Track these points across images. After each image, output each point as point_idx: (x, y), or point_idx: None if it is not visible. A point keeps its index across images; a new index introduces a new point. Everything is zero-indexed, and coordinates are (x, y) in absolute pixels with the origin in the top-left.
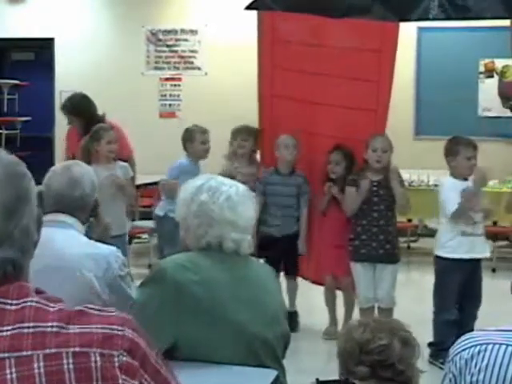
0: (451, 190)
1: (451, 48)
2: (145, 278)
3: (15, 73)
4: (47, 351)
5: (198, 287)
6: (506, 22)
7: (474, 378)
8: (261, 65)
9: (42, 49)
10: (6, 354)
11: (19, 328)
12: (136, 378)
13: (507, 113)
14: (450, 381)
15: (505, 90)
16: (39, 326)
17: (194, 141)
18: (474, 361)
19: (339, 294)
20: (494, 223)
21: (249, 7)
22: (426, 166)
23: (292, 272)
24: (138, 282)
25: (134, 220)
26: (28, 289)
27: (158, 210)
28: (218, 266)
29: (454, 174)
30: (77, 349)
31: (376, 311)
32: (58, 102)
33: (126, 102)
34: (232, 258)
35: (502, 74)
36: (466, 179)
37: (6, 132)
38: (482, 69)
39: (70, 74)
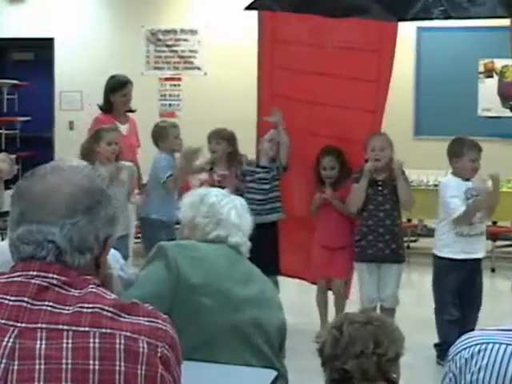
0: (454, 191)
1: (451, 48)
2: (147, 259)
3: (15, 73)
4: (103, 330)
5: (194, 262)
6: (505, 22)
7: (474, 377)
8: (260, 64)
9: (42, 49)
10: (66, 327)
11: (80, 307)
12: (169, 369)
13: (507, 113)
14: (450, 380)
15: (504, 89)
16: (97, 308)
17: (168, 136)
18: (474, 360)
19: (331, 297)
20: (494, 223)
21: (248, 7)
22: (425, 166)
23: (271, 271)
24: None
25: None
26: (90, 280)
27: (141, 212)
28: (216, 251)
29: (457, 174)
30: (128, 333)
31: (378, 311)
32: (58, 101)
33: None
34: (231, 249)
35: (501, 74)
36: (468, 179)
37: (5, 132)
38: (481, 69)
39: (70, 74)
